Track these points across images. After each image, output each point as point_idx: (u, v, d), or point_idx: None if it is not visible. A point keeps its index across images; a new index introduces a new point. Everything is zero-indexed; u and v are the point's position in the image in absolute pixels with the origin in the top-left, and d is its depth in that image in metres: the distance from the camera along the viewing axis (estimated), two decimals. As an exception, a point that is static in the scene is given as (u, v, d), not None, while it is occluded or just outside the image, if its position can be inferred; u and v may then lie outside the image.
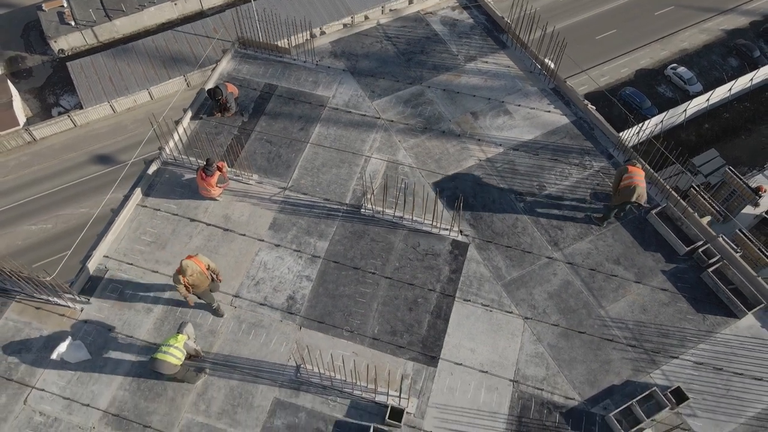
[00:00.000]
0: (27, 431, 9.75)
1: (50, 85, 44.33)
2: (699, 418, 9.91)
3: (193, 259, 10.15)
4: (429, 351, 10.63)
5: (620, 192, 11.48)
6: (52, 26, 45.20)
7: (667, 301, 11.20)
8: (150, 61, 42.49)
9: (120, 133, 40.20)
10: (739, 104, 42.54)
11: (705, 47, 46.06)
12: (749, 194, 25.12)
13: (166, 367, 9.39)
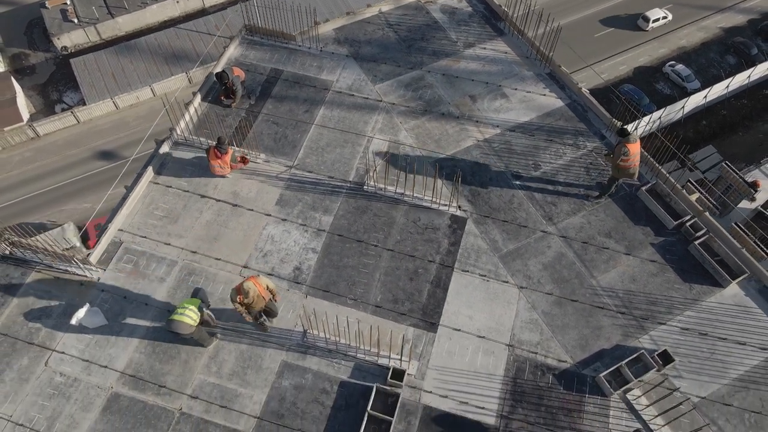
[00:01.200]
0: (49, 390, 10.31)
1: (53, 81, 44.81)
2: (684, 379, 10.45)
3: (253, 280, 10.12)
4: (429, 318, 11.19)
5: (620, 170, 11.99)
6: (55, 23, 45.68)
7: (655, 271, 11.76)
8: (152, 57, 42.97)
9: (122, 129, 40.66)
10: (736, 101, 42.95)
11: (703, 45, 46.51)
12: (745, 188, 25.60)
13: (182, 327, 9.93)
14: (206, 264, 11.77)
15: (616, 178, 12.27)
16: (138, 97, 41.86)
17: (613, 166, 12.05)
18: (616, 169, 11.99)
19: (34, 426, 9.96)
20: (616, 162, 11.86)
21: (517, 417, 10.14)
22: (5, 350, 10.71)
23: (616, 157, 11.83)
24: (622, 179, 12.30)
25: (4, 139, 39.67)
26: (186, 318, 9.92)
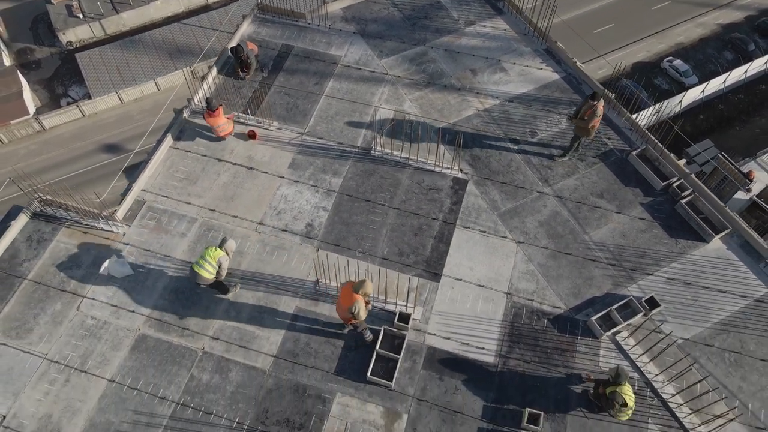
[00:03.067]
0: (80, 332, 11.13)
1: (59, 76, 45.50)
2: (669, 323, 11.26)
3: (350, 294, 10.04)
4: (432, 269, 12.01)
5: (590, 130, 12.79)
6: (61, 19, 46.41)
7: (644, 228, 12.58)
8: (156, 52, 43.67)
9: (127, 122, 41.35)
10: (733, 96, 43.60)
11: (701, 41, 47.15)
12: (741, 179, 26.34)
13: (199, 278, 10.72)
14: (224, 221, 12.59)
15: (579, 137, 13.09)
16: (142, 91, 42.53)
17: (582, 127, 12.76)
18: (585, 129, 12.76)
19: (68, 363, 10.78)
20: (591, 123, 12.59)
21: (515, 356, 10.96)
22: (39, 297, 11.54)
23: (590, 119, 12.54)
24: (584, 138, 13.10)
25: (11, 132, 40.37)
26: (203, 271, 10.67)
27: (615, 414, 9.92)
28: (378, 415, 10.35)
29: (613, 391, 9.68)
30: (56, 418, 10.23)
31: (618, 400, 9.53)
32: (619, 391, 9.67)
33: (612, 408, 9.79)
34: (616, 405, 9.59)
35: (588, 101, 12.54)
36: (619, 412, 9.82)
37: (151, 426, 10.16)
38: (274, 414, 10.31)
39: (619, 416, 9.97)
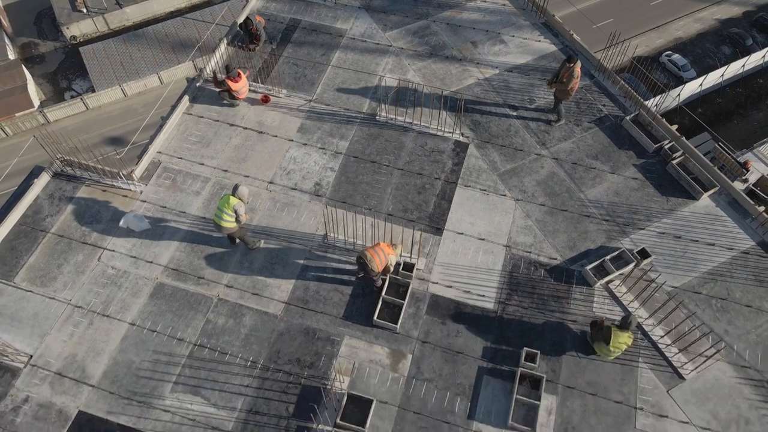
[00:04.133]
0: (102, 280, 11.76)
1: (63, 70, 46.00)
2: (660, 273, 11.87)
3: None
4: (435, 224, 12.63)
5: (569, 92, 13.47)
6: (65, 13, 46.91)
7: (636, 187, 13.20)
8: (159, 46, 44.12)
9: (130, 116, 41.79)
10: (731, 90, 44.06)
11: (699, 36, 47.57)
12: (737, 168, 26.94)
13: (223, 229, 11.34)
14: (236, 180, 13.19)
15: (560, 100, 13.74)
16: (146, 84, 42.87)
17: (562, 90, 13.40)
18: (565, 92, 13.42)
19: (91, 308, 11.41)
20: (569, 85, 13.22)
21: (513, 303, 11.58)
22: (62, 248, 12.16)
23: (569, 81, 13.16)
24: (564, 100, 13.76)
25: (15, 125, 40.85)
26: (223, 222, 11.27)
27: (596, 346, 10.57)
28: (384, 355, 10.97)
29: (610, 329, 10.29)
30: (81, 358, 10.85)
31: (605, 337, 10.17)
32: (614, 332, 10.28)
33: (597, 340, 10.44)
34: (601, 338, 10.24)
35: (565, 64, 13.14)
36: (598, 343, 10.47)
37: (171, 365, 10.78)
38: (285, 354, 10.93)
39: (596, 346, 10.60)
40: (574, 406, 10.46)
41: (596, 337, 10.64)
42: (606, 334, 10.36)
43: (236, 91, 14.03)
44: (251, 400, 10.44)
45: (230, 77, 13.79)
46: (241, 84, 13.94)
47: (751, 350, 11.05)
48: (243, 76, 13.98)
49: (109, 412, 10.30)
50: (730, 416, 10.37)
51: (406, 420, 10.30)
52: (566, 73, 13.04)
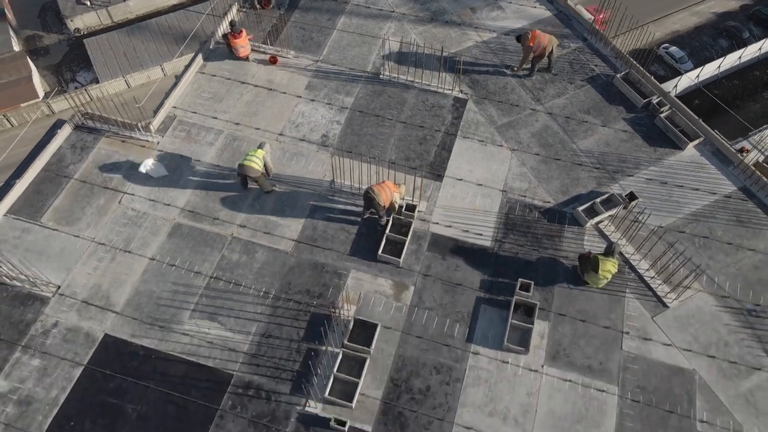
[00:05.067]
0: (123, 221, 12.53)
1: (67, 62, 46.58)
2: (646, 215, 12.60)
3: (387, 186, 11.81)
4: (436, 171, 13.40)
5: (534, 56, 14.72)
6: (69, 6, 47.50)
7: (626, 138, 13.96)
8: (163, 38, 44.69)
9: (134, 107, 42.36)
10: (728, 82, 44.64)
11: (696, 29, 48.07)
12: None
13: (250, 170, 12.14)
14: (248, 132, 13.97)
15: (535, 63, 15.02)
16: (149, 76, 43.45)
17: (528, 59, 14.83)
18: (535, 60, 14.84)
19: (113, 245, 12.18)
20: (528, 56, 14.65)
21: (509, 241, 12.35)
22: (85, 192, 12.93)
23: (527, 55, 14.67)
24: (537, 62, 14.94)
25: (20, 115, 41.47)
26: (252, 163, 12.13)
27: (587, 276, 11.33)
28: (388, 287, 11.75)
29: (597, 258, 11.08)
30: (105, 288, 11.62)
31: (593, 266, 10.95)
32: (601, 260, 11.06)
33: (586, 271, 11.21)
34: (590, 268, 11.02)
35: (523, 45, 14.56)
36: (588, 274, 11.24)
37: (189, 294, 11.56)
38: (295, 286, 11.71)
39: (587, 277, 11.36)
40: (565, 331, 11.23)
41: (585, 268, 11.41)
42: (594, 263, 11.14)
43: (235, 48, 14.82)
44: (264, 326, 11.21)
45: (233, 33, 14.59)
46: (240, 41, 14.72)
47: (731, 282, 11.81)
48: (244, 34, 14.75)
49: (133, 336, 11.07)
50: (710, 340, 11.14)
51: (409, 343, 11.07)
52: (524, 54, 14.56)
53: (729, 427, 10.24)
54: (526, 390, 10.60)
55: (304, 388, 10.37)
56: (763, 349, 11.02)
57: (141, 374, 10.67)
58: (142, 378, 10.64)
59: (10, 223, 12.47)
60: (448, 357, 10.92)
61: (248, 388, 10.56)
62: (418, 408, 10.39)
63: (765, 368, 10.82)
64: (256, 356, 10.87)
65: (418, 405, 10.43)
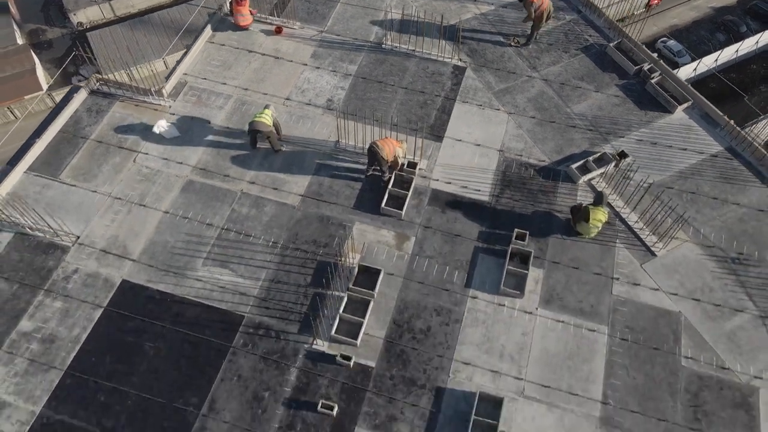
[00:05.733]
0: (138, 177, 13.15)
1: (70, 55, 47.27)
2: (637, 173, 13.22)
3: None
4: (436, 132, 14.02)
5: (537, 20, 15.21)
6: (72, 0, 48.29)
7: (618, 102, 14.59)
8: (165, 32, 45.26)
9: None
10: (725, 75, 45.14)
11: (694, 23, 48.64)
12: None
13: (261, 125, 12.76)
14: (256, 97, 14.59)
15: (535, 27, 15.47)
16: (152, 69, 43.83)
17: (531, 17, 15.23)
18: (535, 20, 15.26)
19: (129, 200, 12.80)
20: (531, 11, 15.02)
21: (506, 196, 12.97)
22: (101, 152, 13.55)
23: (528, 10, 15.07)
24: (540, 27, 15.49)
25: (24, 107, 42.06)
26: (263, 119, 12.79)
27: (578, 227, 11.93)
28: (390, 237, 12.37)
29: (587, 208, 11.70)
30: (122, 238, 12.25)
31: (584, 216, 11.56)
32: (591, 210, 11.68)
33: (578, 221, 11.81)
34: (582, 218, 11.63)
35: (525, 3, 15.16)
36: (579, 224, 11.84)
37: (201, 244, 12.18)
38: (302, 236, 12.33)
39: (579, 228, 11.95)
40: (559, 277, 11.86)
41: (577, 219, 12.03)
42: (584, 213, 11.76)
43: (237, 15, 15.46)
44: (273, 272, 11.84)
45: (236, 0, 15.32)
46: (242, 9, 15.38)
47: (716, 233, 12.43)
48: (247, 3, 15.39)
49: (149, 281, 11.70)
50: (695, 285, 11.76)
51: (410, 288, 11.70)
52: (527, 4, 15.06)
53: (712, 363, 10.87)
54: (521, 330, 11.23)
55: (313, 325, 10.98)
56: (746, 293, 11.64)
57: (158, 316, 11.30)
58: (159, 319, 11.26)
59: (30, 179, 13.09)
60: (447, 300, 11.55)
61: (258, 328, 11.18)
62: (419, 346, 11.02)
63: (747, 311, 11.44)
64: (265, 300, 11.50)
65: (419, 343, 11.05)
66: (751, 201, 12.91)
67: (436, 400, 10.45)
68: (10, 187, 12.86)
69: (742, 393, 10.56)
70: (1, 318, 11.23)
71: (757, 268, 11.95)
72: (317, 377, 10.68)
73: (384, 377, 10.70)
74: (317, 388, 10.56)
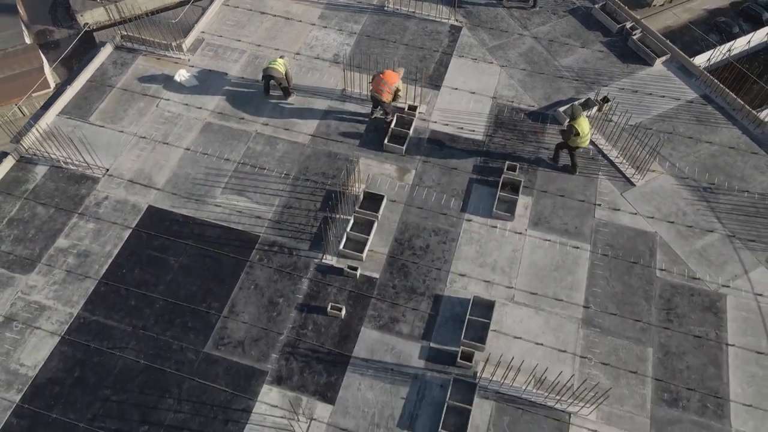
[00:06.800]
0: (160, 120, 14.34)
1: (77, 55, 48.57)
2: (618, 114, 14.39)
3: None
4: (434, 82, 15.23)
5: None
6: (79, 2, 49.84)
7: (602, 57, 15.82)
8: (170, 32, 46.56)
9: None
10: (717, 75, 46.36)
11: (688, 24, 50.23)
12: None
13: (275, 71, 13.97)
14: (268, 52, 15.81)
15: None
16: None
17: None
18: None
19: (153, 138, 13.99)
20: None
21: (498, 136, 14.16)
22: (126, 98, 14.76)
23: None
24: None
25: (32, 105, 43.36)
26: (276, 66, 14.00)
27: (571, 142, 12.83)
28: (392, 170, 13.54)
29: (570, 125, 12.76)
30: (147, 171, 13.42)
31: (573, 131, 12.66)
32: (574, 124, 12.72)
33: (569, 138, 12.82)
34: (572, 134, 12.71)
35: None
36: (573, 140, 12.78)
37: (220, 176, 13.35)
38: (312, 169, 13.50)
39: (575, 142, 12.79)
40: (546, 203, 13.02)
41: (566, 137, 12.82)
42: (569, 130, 12.74)
43: None
44: (285, 199, 12.99)
45: None
46: None
47: (690, 167, 13.60)
48: None
49: (173, 207, 12.85)
50: (670, 210, 12.92)
51: (411, 213, 12.85)
52: None
53: (684, 274, 12.00)
54: (512, 247, 12.37)
55: (323, 242, 12.12)
56: (715, 216, 12.80)
57: (181, 235, 12.44)
58: (182, 238, 12.41)
59: (63, 121, 14.28)
60: (444, 223, 12.70)
61: (273, 245, 12.33)
62: (419, 260, 12.16)
63: (716, 231, 12.59)
64: (279, 222, 12.65)
65: (419, 258, 12.19)
66: (723, 140, 14.10)
67: (435, 305, 11.57)
68: (45, 127, 14.03)
69: (711, 299, 11.68)
70: (40, 237, 12.37)
71: (726, 196, 13.11)
72: (327, 286, 11.81)
73: (387, 286, 11.82)
74: (327, 296, 11.68)
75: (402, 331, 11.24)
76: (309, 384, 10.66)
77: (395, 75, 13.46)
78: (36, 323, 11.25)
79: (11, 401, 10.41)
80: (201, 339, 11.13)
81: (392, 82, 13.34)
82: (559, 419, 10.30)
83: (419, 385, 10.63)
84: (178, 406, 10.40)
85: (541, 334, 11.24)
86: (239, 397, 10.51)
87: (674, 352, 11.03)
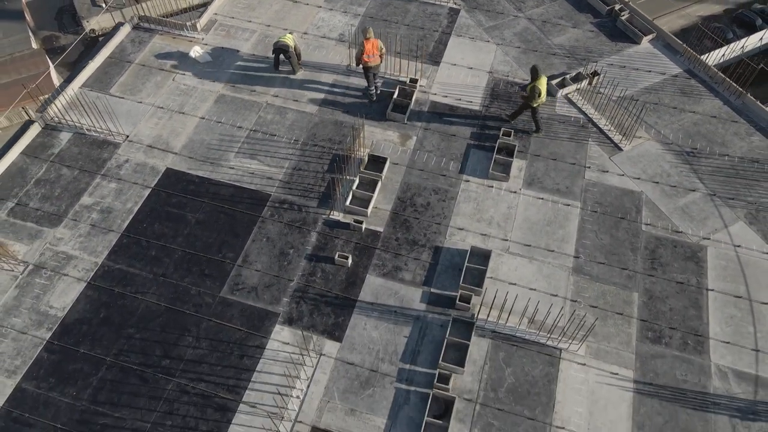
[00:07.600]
0: (177, 92, 15.25)
1: (82, 60, 49.73)
2: (607, 87, 15.30)
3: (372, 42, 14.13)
4: (434, 59, 16.17)
5: None
6: (85, 8, 51.11)
7: (592, 36, 16.77)
8: None
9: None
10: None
11: (682, 31, 51.44)
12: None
13: (285, 44, 14.90)
14: (277, 32, 16.75)
15: None
16: None
17: None
18: None
19: (169, 108, 14.89)
20: None
21: (494, 107, 15.06)
22: (144, 73, 15.68)
23: None
24: None
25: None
26: (286, 39, 14.95)
27: (534, 102, 13.62)
28: (395, 137, 14.43)
29: (533, 87, 13.59)
30: (165, 137, 14.30)
31: (536, 92, 13.49)
32: (536, 84, 13.54)
33: (533, 99, 13.62)
34: (535, 96, 13.53)
35: None
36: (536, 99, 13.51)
37: (233, 141, 14.23)
38: (320, 135, 14.39)
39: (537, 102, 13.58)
40: (539, 166, 13.89)
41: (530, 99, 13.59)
42: (532, 90, 13.51)
43: None
44: (295, 162, 13.87)
45: None
46: None
47: (674, 134, 14.50)
48: None
49: (189, 169, 13.72)
50: (655, 171, 13.79)
51: (413, 174, 13.72)
52: None
53: (668, 228, 12.84)
54: (507, 205, 13.23)
55: (330, 199, 12.98)
56: (698, 177, 13.66)
57: (197, 194, 13.30)
58: (198, 196, 13.26)
59: (85, 93, 15.19)
60: (444, 183, 13.56)
61: (283, 203, 13.18)
62: (420, 216, 13.01)
63: (698, 190, 13.45)
64: (289, 182, 13.51)
65: (420, 214, 13.04)
66: (705, 109, 15.00)
67: (435, 255, 12.41)
68: (68, 98, 14.93)
69: (692, 249, 12.52)
70: (65, 195, 13.23)
71: (707, 159, 13.99)
72: (334, 239, 12.65)
73: (390, 239, 12.67)
74: (334, 247, 12.52)
75: (404, 278, 12.06)
76: (318, 324, 11.47)
77: (371, 40, 14.24)
78: (64, 270, 12.08)
79: (42, 338, 11.21)
80: (217, 285, 11.96)
81: (376, 46, 14.22)
82: (550, 354, 11.11)
83: (421, 325, 11.44)
84: (196, 343, 11.21)
85: (534, 280, 12.06)
86: (253, 335, 11.31)
87: (658, 296, 11.86)
